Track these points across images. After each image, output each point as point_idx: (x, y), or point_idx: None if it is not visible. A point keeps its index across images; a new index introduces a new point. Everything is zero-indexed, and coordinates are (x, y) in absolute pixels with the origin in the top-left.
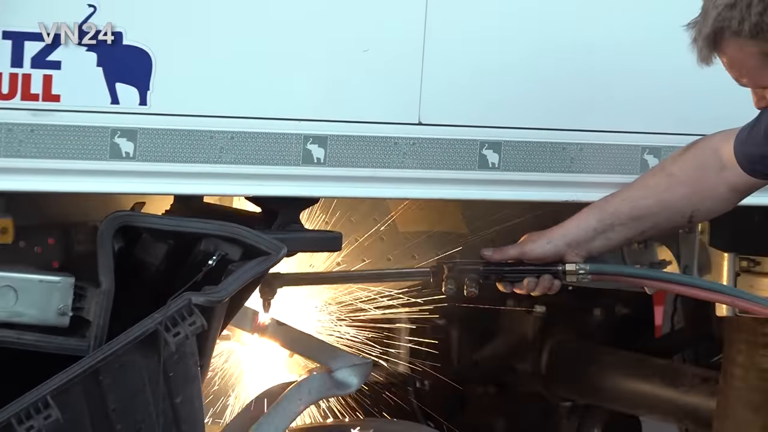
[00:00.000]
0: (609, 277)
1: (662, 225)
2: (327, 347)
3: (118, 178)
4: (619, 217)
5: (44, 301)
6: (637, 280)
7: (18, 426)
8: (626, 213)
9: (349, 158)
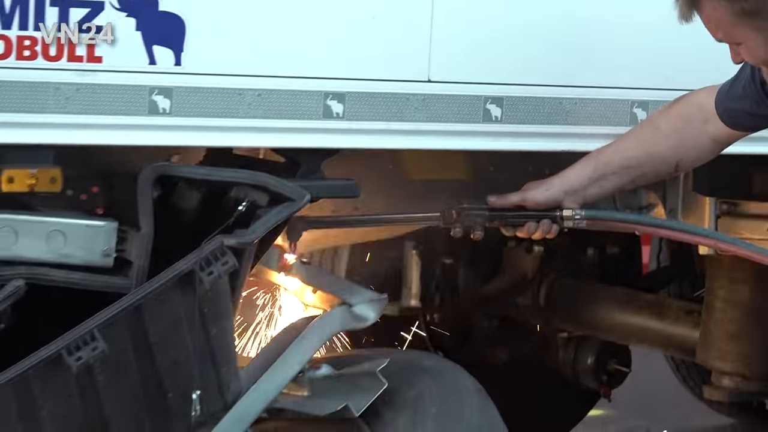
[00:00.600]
0: (602, 222)
1: (650, 174)
2: (346, 284)
3: (156, 132)
4: (611, 166)
5: (90, 243)
6: (628, 225)
7: (68, 357)
8: (618, 163)
9: (365, 113)
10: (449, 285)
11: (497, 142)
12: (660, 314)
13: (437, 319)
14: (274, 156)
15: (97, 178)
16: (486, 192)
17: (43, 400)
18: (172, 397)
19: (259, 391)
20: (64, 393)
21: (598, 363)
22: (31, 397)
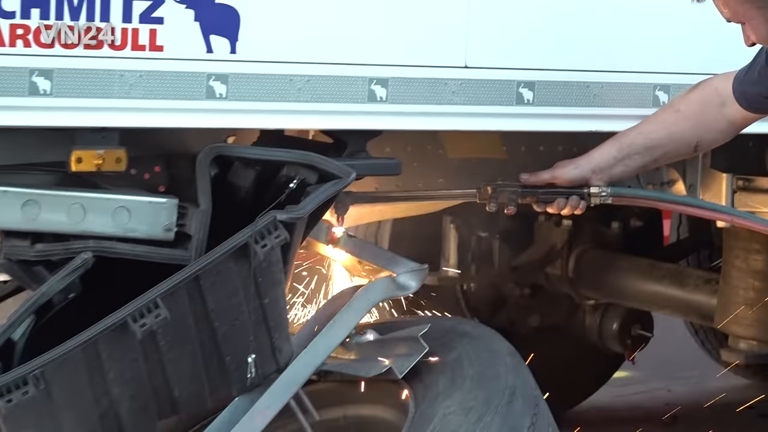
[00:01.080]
0: (627, 199)
1: (672, 153)
2: (390, 255)
3: (213, 115)
4: (635, 147)
5: (153, 219)
6: (650, 201)
7: (133, 323)
8: (641, 144)
9: (407, 96)
10: (484, 256)
11: (529, 123)
12: (680, 283)
13: (473, 288)
14: (322, 137)
15: (158, 158)
16: (518, 170)
17: (110, 364)
18: (230, 360)
19: (309, 355)
20: (129, 357)
21: (622, 328)
22: (99, 361)
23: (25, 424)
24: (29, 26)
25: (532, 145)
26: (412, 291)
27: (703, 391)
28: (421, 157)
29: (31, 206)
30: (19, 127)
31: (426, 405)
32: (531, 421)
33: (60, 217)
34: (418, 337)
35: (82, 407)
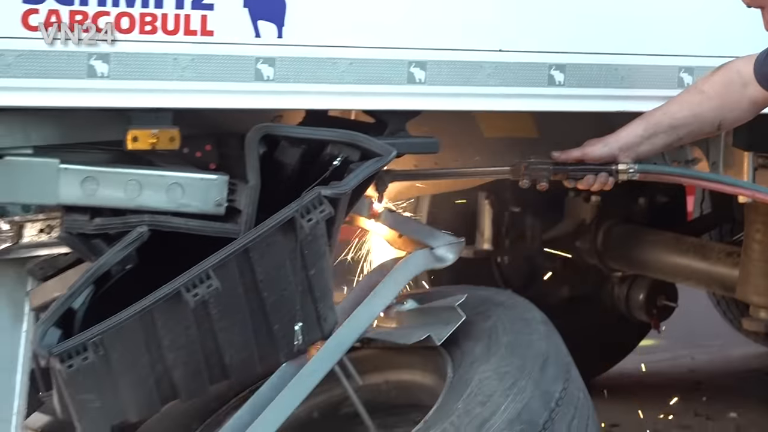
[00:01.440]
0: (653, 175)
1: (695, 132)
2: (428, 229)
3: (261, 96)
4: (661, 126)
5: (204, 194)
6: (675, 177)
7: (186, 293)
8: (666, 123)
9: (445, 78)
10: (517, 231)
11: (560, 103)
12: (703, 255)
13: (507, 261)
14: (364, 117)
15: (209, 137)
16: (549, 148)
17: (164, 331)
18: (277, 328)
19: (353, 323)
20: (182, 325)
21: (648, 299)
22: (155, 329)
23: (85, 388)
24: (87, 12)
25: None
26: (449, 263)
27: (725, 358)
28: (458, 136)
29: (90, 183)
30: (78, 108)
31: (463, 370)
32: (563, 386)
33: (117, 193)
34: (456, 306)
35: (138, 372)
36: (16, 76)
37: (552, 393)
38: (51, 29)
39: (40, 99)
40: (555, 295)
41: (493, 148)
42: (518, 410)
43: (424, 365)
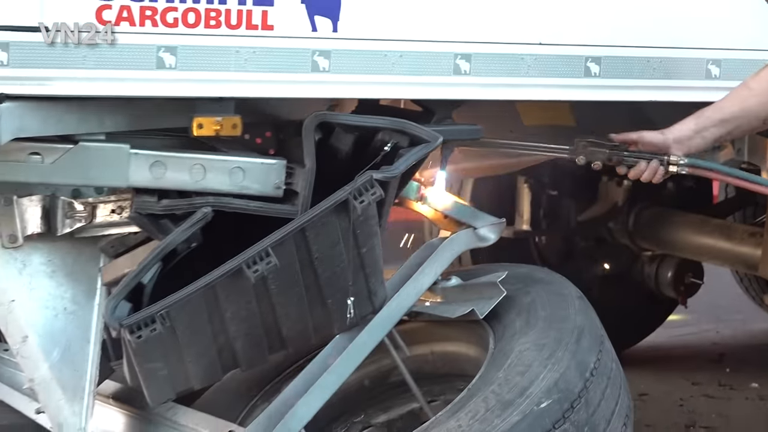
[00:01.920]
0: (701, 171)
1: (744, 126)
2: (472, 210)
3: (317, 86)
4: (711, 120)
5: (264, 178)
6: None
7: (247, 270)
8: (717, 117)
9: (488, 70)
10: (553, 212)
11: (596, 93)
12: (728, 236)
13: (544, 240)
14: (412, 106)
15: (269, 125)
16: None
17: (227, 305)
18: (331, 302)
19: (401, 298)
20: (243, 299)
21: (676, 276)
22: (218, 302)
23: (153, 357)
24: (156, 8)
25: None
26: (491, 242)
27: (747, 332)
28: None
29: (158, 167)
30: (147, 97)
31: (504, 342)
32: (597, 357)
33: (183, 176)
34: (497, 282)
35: (202, 343)
36: (91, 68)
37: (587, 363)
38: (123, 24)
39: (112, 89)
40: (589, 272)
41: (533, 135)
42: (555, 379)
43: (467, 337)
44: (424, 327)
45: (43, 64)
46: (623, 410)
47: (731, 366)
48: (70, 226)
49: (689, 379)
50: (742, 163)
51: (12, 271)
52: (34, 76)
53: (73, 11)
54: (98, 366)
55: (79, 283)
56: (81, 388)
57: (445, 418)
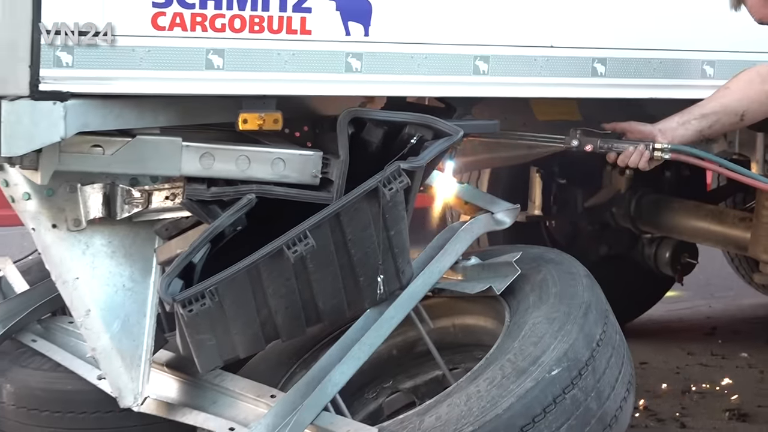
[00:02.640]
0: (684, 156)
1: (723, 121)
2: (489, 197)
3: (350, 85)
4: (694, 115)
5: (302, 167)
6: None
7: (287, 250)
8: (699, 113)
9: (505, 70)
10: (562, 199)
11: (601, 91)
12: (720, 220)
13: (554, 224)
14: (436, 103)
15: (307, 120)
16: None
17: (268, 282)
18: (363, 280)
19: (426, 276)
20: (284, 276)
21: (673, 256)
22: (260, 280)
23: (203, 329)
24: (206, 15)
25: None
26: (506, 226)
27: (738, 307)
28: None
29: (207, 158)
30: (197, 95)
31: (518, 316)
32: (602, 329)
33: (230, 166)
34: (512, 262)
35: (247, 316)
36: (147, 68)
37: (593, 335)
38: (176, 29)
39: (166, 87)
40: (595, 252)
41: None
42: (565, 349)
43: (485, 311)
44: (446, 302)
45: (104, 66)
46: (626, 377)
47: (723, 337)
48: (128, 211)
49: (685, 349)
50: (733, 154)
51: (76, 251)
52: (96, 77)
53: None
54: (153, 337)
55: (136, 262)
56: (138, 356)
57: (465, 384)
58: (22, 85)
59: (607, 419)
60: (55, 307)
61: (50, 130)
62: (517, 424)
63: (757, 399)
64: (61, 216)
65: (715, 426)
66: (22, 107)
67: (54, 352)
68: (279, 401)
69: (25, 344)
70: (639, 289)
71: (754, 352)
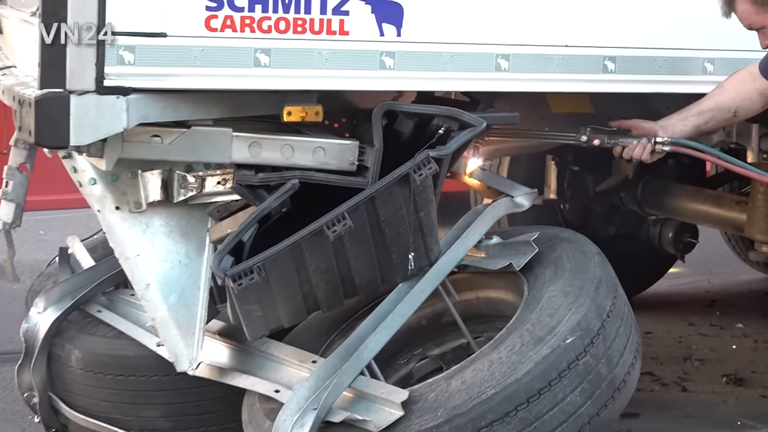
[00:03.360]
0: (683, 149)
1: (718, 118)
2: (509, 182)
3: (384, 81)
4: (691, 112)
5: (341, 155)
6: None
7: (327, 230)
8: (696, 110)
9: (523, 67)
10: (575, 184)
11: (611, 86)
12: (718, 204)
13: (568, 207)
14: (461, 97)
15: (345, 112)
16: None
17: (310, 259)
18: (395, 257)
19: (452, 254)
20: (324, 254)
21: (675, 236)
22: (303, 257)
23: (251, 301)
24: (254, 17)
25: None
26: (525, 208)
27: (734, 282)
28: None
29: (255, 146)
30: (246, 90)
31: (536, 290)
32: (612, 302)
33: (275, 154)
34: (530, 241)
35: (290, 289)
36: (200, 66)
37: (604, 307)
38: (227, 30)
39: (218, 83)
40: (604, 232)
41: (559, 120)
42: (578, 320)
43: (506, 285)
44: (470, 277)
45: (162, 63)
46: (634, 345)
47: (721, 310)
48: (184, 195)
49: (686, 321)
50: (731, 144)
51: (137, 231)
52: (155, 73)
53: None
54: (206, 308)
55: (191, 241)
56: (193, 326)
57: (488, 351)
58: (88, 81)
59: (617, 383)
60: (118, 281)
61: (114, 121)
62: (534, 387)
63: (752, 365)
64: (124, 199)
65: (713, 390)
66: (89, 101)
67: (117, 321)
68: (320, 366)
69: (92, 314)
70: (645, 266)
71: (749, 323)
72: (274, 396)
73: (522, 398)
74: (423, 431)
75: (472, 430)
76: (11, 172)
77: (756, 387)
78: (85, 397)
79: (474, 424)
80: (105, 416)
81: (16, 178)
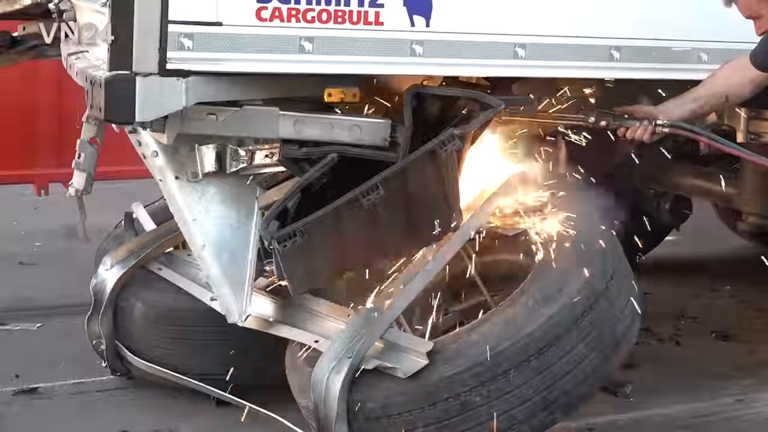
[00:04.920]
0: (680, 131)
1: (711, 102)
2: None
3: (414, 67)
4: (688, 98)
5: (375, 132)
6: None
7: (362, 198)
8: (690, 96)
9: (538, 56)
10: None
11: (617, 73)
12: (710, 179)
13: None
14: (482, 81)
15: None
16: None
17: (347, 224)
18: (423, 223)
19: (473, 220)
20: (359, 220)
21: (672, 208)
22: (340, 222)
23: (294, 261)
24: (299, 8)
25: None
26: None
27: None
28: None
29: (299, 124)
30: (291, 74)
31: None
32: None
33: (317, 131)
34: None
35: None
36: (251, 52)
37: (607, 270)
38: (275, 20)
39: (266, 67)
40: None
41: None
42: (584, 281)
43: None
44: (489, 241)
45: (218, 49)
46: (633, 304)
47: (711, 274)
48: (235, 166)
49: (681, 283)
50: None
51: (194, 198)
52: (211, 58)
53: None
54: (255, 266)
55: (242, 207)
56: (242, 282)
57: (504, 307)
58: (152, 64)
59: (618, 337)
60: (177, 243)
61: (174, 100)
62: (545, 340)
63: (738, 323)
64: (183, 170)
65: (703, 344)
66: (153, 82)
67: (176, 278)
68: (354, 319)
69: (153, 272)
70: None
71: (736, 286)
72: (314, 345)
73: (534, 349)
74: (446, 378)
75: (490, 377)
76: (83, 145)
77: (740, 342)
78: (147, 344)
79: (491, 372)
80: (164, 362)
81: (87, 150)
